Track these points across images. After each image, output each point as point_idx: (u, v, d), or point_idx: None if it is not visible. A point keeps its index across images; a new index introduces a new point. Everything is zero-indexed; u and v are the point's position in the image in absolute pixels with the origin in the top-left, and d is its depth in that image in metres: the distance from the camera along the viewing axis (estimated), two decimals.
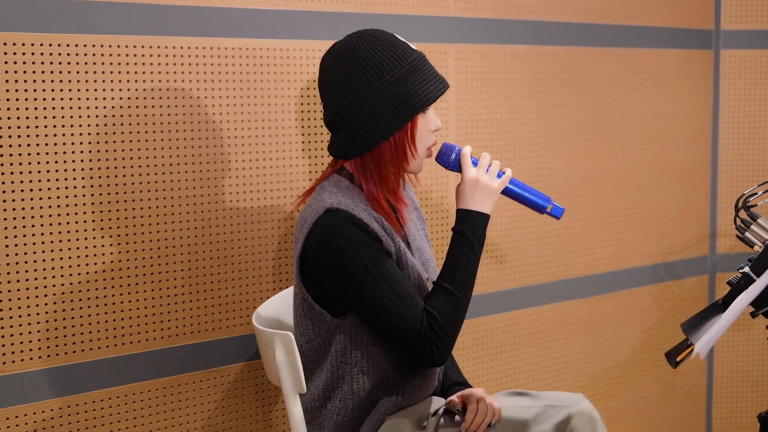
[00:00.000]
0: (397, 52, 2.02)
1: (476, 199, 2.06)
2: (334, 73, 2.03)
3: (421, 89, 2.01)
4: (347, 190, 2.05)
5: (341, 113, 2.02)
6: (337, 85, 2.03)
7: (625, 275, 3.42)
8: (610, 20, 3.29)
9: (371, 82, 1.99)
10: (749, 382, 3.71)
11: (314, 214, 2.00)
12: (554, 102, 3.15)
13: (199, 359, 2.41)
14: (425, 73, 2.03)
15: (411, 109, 2.00)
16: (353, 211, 1.99)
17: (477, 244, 2.05)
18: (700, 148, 3.62)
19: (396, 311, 1.97)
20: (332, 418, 2.08)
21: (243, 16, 2.42)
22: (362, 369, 2.06)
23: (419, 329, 1.97)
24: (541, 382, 3.20)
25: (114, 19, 2.22)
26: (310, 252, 2.01)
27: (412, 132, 2.04)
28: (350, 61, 2.01)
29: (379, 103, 1.99)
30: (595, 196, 3.30)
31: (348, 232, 1.96)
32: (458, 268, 2.03)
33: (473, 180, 2.06)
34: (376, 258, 1.97)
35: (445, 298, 2.01)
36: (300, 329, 2.10)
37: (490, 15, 2.95)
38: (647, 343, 3.51)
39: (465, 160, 2.08)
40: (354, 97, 2.00)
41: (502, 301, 3.06)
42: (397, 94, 1.99)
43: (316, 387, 2.10)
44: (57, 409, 2.21)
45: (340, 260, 1.97)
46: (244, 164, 2.44)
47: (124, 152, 2.25)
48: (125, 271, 2.28)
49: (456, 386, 2.25)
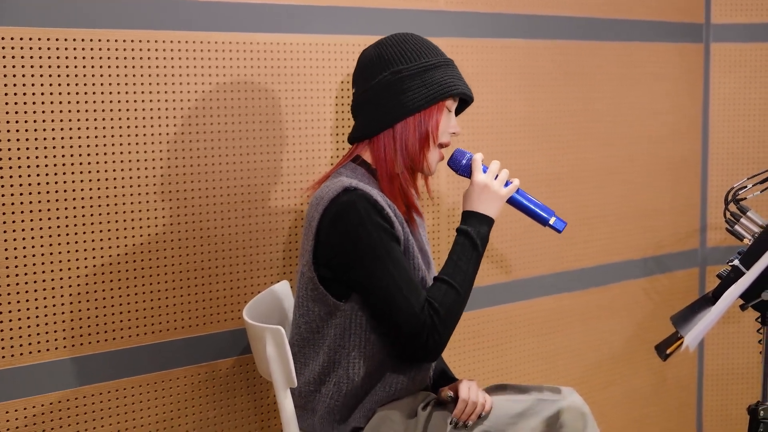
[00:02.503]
0: (433, 48, 2.16)
1: (483, 203, 2.11)
2: (376, 54, 2.16)
3: (452, 81, 2.13)
4: (363, 176, 2.11)
5: (375, 87, 2.12)
6: (375, 63, 2.14)
7: (616, 268, 3.43)
8: (601, 14, 3.29)
9: (406, 62, 2.11)
10: (739, 375, 3.72)
11: (331, 193, 2.03)
12: (545, 96, 3.15)
13: (190, 354, 2.41)
14: (456, 73, 2.16)
15: (441, 91, 2.11)
16: (370, 192, 2.02)
17: (480, 243, 2.09)
18: (690, 142, 3.63)
19: (399, 296, 1.99)
20: (325, 402, 2.09)
21: (237, 10, 2.41)
22: (359, 354, 2.07)
23: (419, 317, 1.99)
24: (533, 376, 3.21)
25: (102, 13, 2.21)
26: (324, 229, 2.04)
27: (437, 118, 2.11)
28: (393, 44, 2.15)
29: (413, 81, 2.10)
30: (585, 190, 3.30)
31: (364, 211, 2.00)
32: (461, 264, 2.07)
33: (482, 184, 2.12)
34: (387, 241, 2.01)
35: (447, 291, 2.04)
36: (300, 310, 2.12)
37: (481, 9, 2.95)
38: (638, 336, 3.52)
39: (476, 166, 2.15)
40: (388, 72, 2.11)
41: (494, 294, 3.07)
42: (429, 76, 2.11)
43: (311, 371, 2.11)
44: (48, 405, 2.21)
45: (353, 238, 2.00)
46: (235, 158, 2.44)
47: (114, 147, 2.25)
48: (116, 266, 2.27)
49: (444, 378, 2.27)
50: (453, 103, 2.16)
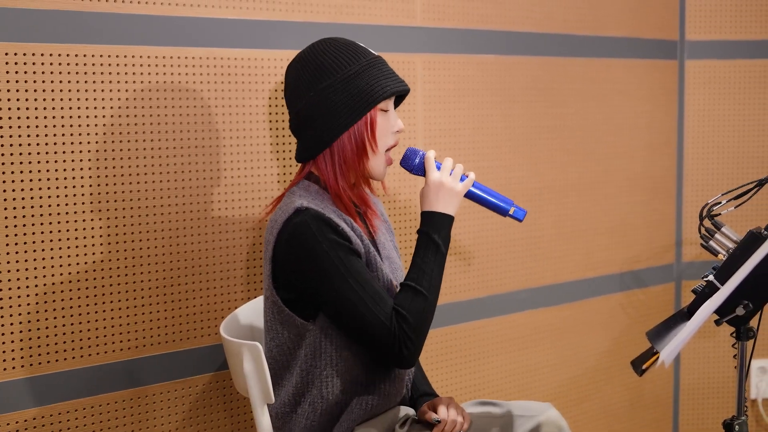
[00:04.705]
0: (355, 51, 2.09)
1: (440, 201, 2.09)
2: (296, 75, 2.09)
3: (378, 84, 2.06)
4: (316, 194, 2.08)
5: (302, 111, 2.07)
6: (298, 85, 2.08)
7: (592, 283, 3.44)
8: (577, 30, 3.31)
9: (329, 77, 2.05)
10: (714, 389, 3.74)
11: (284, 215, 2.01)
12: (521, 111, 3.17)
13: (166, 370, 2.40)
14: (383, 70, 2.09)
15: (368, 100, 2.05)
16: (323, 211, 2.00)
17: (443, 244, 2.07)
18: (665, 158, 3.65)
19: (365, 310, 1.97)
20: (301, 423, 2.07)
21: (211, 25, 2.42)
22: (331, 372, 2.06)
23: (389, 329, 1.98)
24: (510, 391, 3.22)
25: (79, 29, 2.21)
26: (280, 252, 2.01)
27: (372, 127, 2.07)
28: (309, 61, 2.08)
29: (338, 96, 2.04)
30: (561, 205, 3.32)
31: (317, 230, 1.97)
32: (425, 268, 2.04)
33: (437, 182, 2.09)
34: (345, 257, 1.98)
35: (413, 297, 2.01)
36: (270, 333, 2.10)
37: (457, 25, 2.96)
38: (614, 351, 3.53)
39: (429, 164, 2.11)
40: (313, 92, 2.05)
41: (470, 310, 3.07)
42: (354, 86, 2.04)
43: (286, 392, 2.09)
44: (22, 422, 2.19)
45: (310, 258, 1.97)
46: (211, 173, 2.44)
47: (90, 162, 2.24)
48: (92, 281, 2.26)
49: (425, 396, 2.25)
50: (388, 102, 2.10)
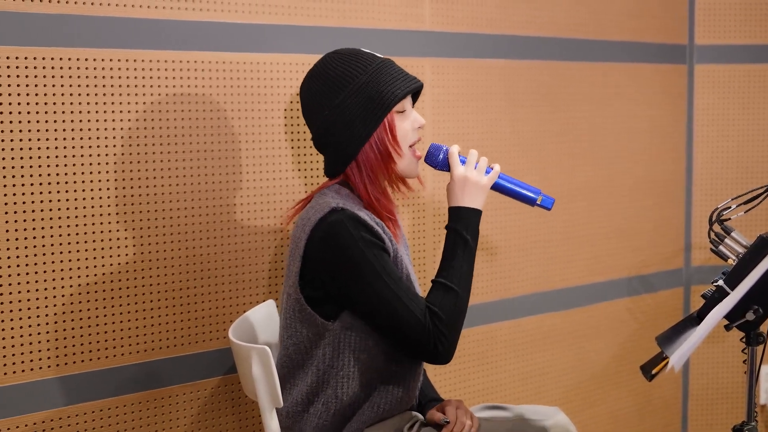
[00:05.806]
0: (360, 59, 2.08)
1: (467, 196, 2.10)
2: (309, 94, 2.10)
3: (389, 88, 2.06)
4: (348, 198, 2.08)
5: (321, 129, 2.08)
6: (312, 104, 2.09)
7: (600, 288, 3.43)
8: (585, 35, 3.31)
9: (340, 91, 2.05)
10: (724, 394, 3.73)
11: (318, 213, 2.01)
12: (528, 116, 3.17)
13: (175, 373, 2.40)
14: (392, 73, 2.08)
15: (381, 107, 2.05)
16: (357, 212, 2.01)
17: (471, 239, 2.08)
18: (674, 162, 3.65)
19: (401, 308, 1.98)
20: (313, 422, 2.08)
21: (220, 30, 2.42)
22: (348, 374, 2.06)
23: (424, 326, 1.98)
24: (519, 395, 3.21)
25: (82, 33, 2.21)
26: (313, 250, 2.02)
27: (391, 131, 2.08)
28: (319, 78, 2.08)
29: (352, 109, 2.04)
30: (569, 209, 3.31)
31: (353, 229, 1.98)
32: (455, 264, 2.05)
33: (462, 177, 2.10)
34: (380, 255, 2.00)
35: (445, 294, 2.02)
36: (288, 331, 2.10)
37: (466, 29, 2.96)
38: (623, 356, 3.52)
39: (453, 159, 2.12)
40: (328, 110, 2.06)
41: (479, 314, 3.07)
42: (366, 96, 2.04)
43: (299, 391, 2.10)
44: (31, 425, 2.19)
45: (346, 256, 1.98)
46: (221, 178, 2.44)
47: (100, 165, 2.24)
48: (101, 285, 2.27)
49: (432, 402, 2.25)
50: (403, 103, 2.10)
